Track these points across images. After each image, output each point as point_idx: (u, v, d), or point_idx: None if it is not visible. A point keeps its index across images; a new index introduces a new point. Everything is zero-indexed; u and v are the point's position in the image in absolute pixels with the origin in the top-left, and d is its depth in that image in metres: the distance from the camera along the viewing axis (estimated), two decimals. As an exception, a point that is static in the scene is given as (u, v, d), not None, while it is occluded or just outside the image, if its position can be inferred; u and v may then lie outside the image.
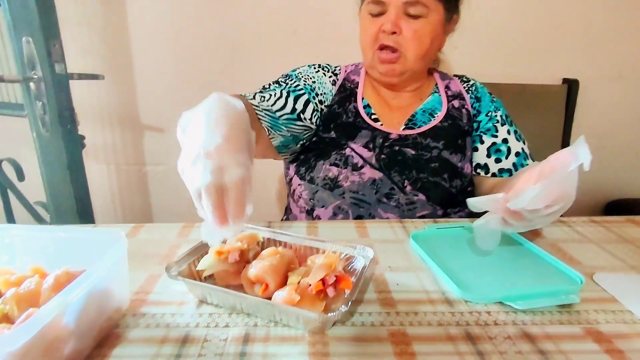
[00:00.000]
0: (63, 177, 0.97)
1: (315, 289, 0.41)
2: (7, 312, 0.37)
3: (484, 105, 0.84)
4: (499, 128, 0.82)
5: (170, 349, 0.39)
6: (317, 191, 0.78)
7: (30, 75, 0.89)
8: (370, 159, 0.77)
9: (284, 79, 0.83)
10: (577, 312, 0.45)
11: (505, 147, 0.80)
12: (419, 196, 0.76)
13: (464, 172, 0.79)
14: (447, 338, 0.40)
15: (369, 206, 0.76)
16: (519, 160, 0.79)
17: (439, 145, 0.79)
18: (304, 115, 0.79)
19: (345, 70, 0.89)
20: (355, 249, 0.50)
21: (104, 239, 0.43)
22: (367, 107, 0.83)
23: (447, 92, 0.86)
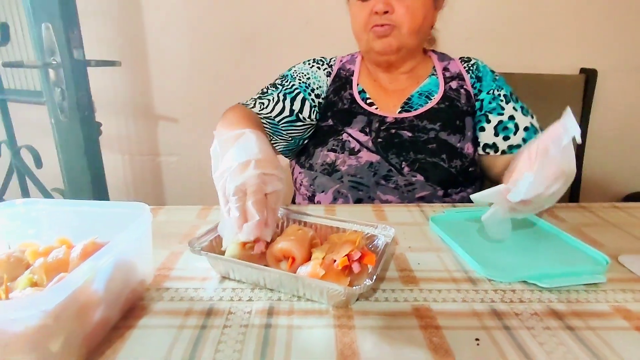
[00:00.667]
0: (80, 163, 0.98)
1: (340, 264, 0.41)
2: (36, 281, 0.38)
3: (485, 84, 0.84)
4: (504, 106, 0.81)
5: (195, 320, 0.39)
6: (316, 177, 0.80)
7: (49, 61, 0.90)
8: (367, 143, 0.78)
9: (280, 80, 0.87)
10: (603, 291, 0.44)
11: (513, 124, 0.79)
12: (417, 177, 0.76)
13: (464, 152, 0.78)
14: (473, 314, 0.40)
15: (368, 189, 0.77)
16: (528, 134, 0.79)
17: (436, 127, 0.79)
18: (302, 114, 0.82)
19: (340, 60, 0.91)
20: (377, 228, 0.50)
21: (129, 212, 0.44)
22: (362, 92, 0.85)
23: (445, 73, 0.86)
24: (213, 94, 1.37)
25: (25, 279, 0.37)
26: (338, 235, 0.48)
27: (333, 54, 0.95)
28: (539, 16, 1.27)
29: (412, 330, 0.37)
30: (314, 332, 0.37)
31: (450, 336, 0.37)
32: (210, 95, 1.37)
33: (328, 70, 0.89)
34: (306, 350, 0.35)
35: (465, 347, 0.35)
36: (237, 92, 1.38)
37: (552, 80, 1.25)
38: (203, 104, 1.38)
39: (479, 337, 0.36)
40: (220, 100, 1.40)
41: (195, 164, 1.44)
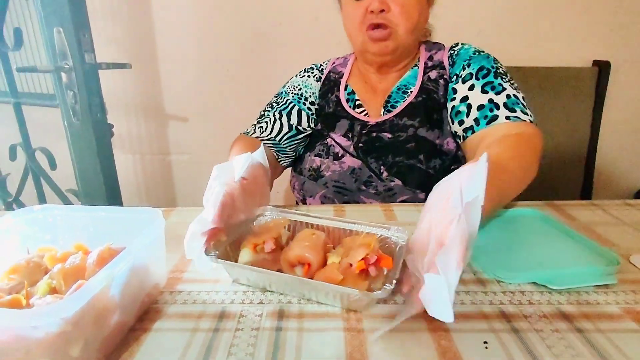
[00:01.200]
0: (93, 164, 1.00)
1: (358, 268, 0.41)
2: (55, 287, 0.39)
3: (455, 68, 0.77)
4: (458, 88, 0.74)
5: (208, 323, 0.40)
6: (304, 182, 0.81)
7: (61, 65, 0.91)
8: (349, 148, 0.78)
9: (275, 98, 0.87)
10: (614, 292, 0.44)
11: (465, 105, 0.71)
12: (395, 181, 0.74)
13: (444, 149, 0.74)
14: (481, 316, 0.40)
15: (352, 193, 0.77)
16: (482, 113, 0.68)
17: (415, 123, 0.75)
18: (301, 126, 0.83)
19: (333, 63, 0.91)
20: (390, 230, 0.50)
21: (142, 218, 0.45)
22: (351, 94, 0.84)
23: (428, 62, 0.81)
24: (222, 93, 1.38)
25: (45, 285, 0.38)
26: (352, 239, 0.48)
27: (341, 49, 0.95)
28: (550, 8, 1.24)
29: (420, 333, 0.38)
30: (323, 335, 0.38)
31: (459, 339, 0.37)
32: (219, 94, 1.38)
33: (318, 75, 0.89)
34: (316, 353, 0.36)
35: (473, 350, 0.36)
36: (246, 89, 1.39)
37: (564, 74, 1.23)
38: (213, 102, 1.39)
39: (487, 340, 0.37)
40: (229, 99, 1.41)
41: (206, 163, 1.45)
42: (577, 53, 1.27)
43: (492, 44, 1.26)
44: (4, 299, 0.36)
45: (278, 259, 0.46)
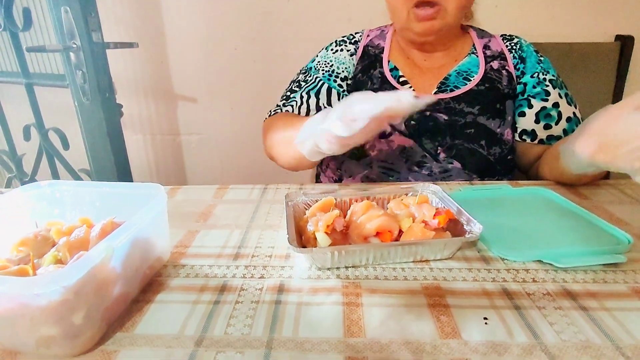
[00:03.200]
0: (104, 144, 1.02)
1: (442, 221, 0.46)
2: (60, 258, 0.40)
3: (529, 66, 0.77)
4: (550, 91, 0.75)
5: (209, 296, 0.41)
6: (343, 161, 0.78)
7: (69, 45, 0.92)
8: (399, 126, 0.74)
9: (303, 76, 0.83)
10: (622, 271, 0.43)
11: (556, 112, 0.73)
12: (454, 164, 0.72)
13: (504, 138, 0.74)
14: (483, 293, 0.40)
15: (399, 175, 0.74)
16: (570, 126, 0.73)
17: (474, 111, 0.73)
18: (331, 105, 0.79)
19: (367, 36, 0.85)
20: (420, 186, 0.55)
21: (146, 193, 0.45)
22: (394, 70, 0.80)
23: (486, 52, 0.79)
24: (231, 72, 1.37)
25: (51, 256, 0.39)
26: (396, 202, 0.51)
27: (352, 26, 0.92)
28: (571, -21, 1.18)
29: (420, 309, 0.38)
30: (322, 309, 0.38)
31: (459, 315, 0.37)
32: (228, 73, 1.37)
33: (353, 49, 0.84)
34: (314, 326, 0.36)
35: (472, 325, 0.35)
36: (255, 68, 1.37)
37: (584, 49, 1.17)
38: (221, 82, 1.39)
39: (487, 317, 0.36)
40: (238, 78, 1.40)
41: (216, 143, 1.46)
42: (598, 28, 1.21)
43: (509, 18, 1.21)
44: (11, 269, 0.37)
45: (345, 235, 0.46)
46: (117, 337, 0.35)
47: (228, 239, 0.51)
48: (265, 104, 1.43)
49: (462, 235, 0.45)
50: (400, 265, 0.45)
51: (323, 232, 0.44)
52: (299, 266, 0.45)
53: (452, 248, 0.45)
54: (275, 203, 0.62)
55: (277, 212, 0.58)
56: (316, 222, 0.45)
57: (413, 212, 0.48)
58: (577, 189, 0.64)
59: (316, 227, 0.45)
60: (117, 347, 0.34)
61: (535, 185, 0.64)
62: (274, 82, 1.40)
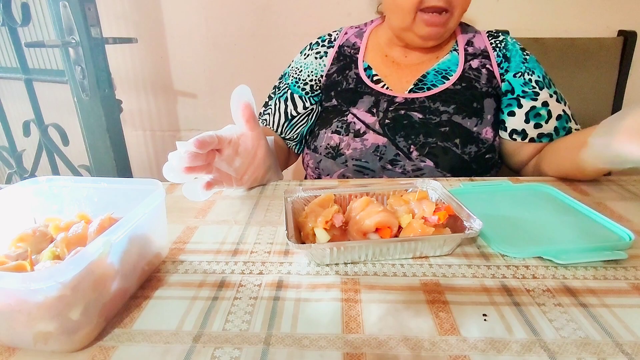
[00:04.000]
0: (103, 140, 1.01)
1: (443, 218, 0.45)
2: (58, 254, 0.40)
3: (513, 65, 0.76)
4: (538, 91, 0.74)
5: (207, 292, 0.40)
6: (320, 160, 0.78)
7: (68, 40, 0.91)
8: (374, 125, 0.74)
9: (279, 81, 0.87)
10: (623, 268, 0.42)
11: (546, 111, 0.73)
12: (426, 162, 0.71)
13: (481, 137, 0.73)
14: (482, 289, 0.39)
15: (373, 173, 0.74)
16: (561, 123, 0.73)
17: (449, 110, 0.73)
18: (297, 110, 0.82)
19: (345, 34, 0.85)
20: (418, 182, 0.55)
21: (143, 188, 0.45)
22: (368, 69, 0.80)
23: (468, 48, 0.78)
24: (231, 67, 1.36)
25: (49, 252, 0.39)
26: (395, 198, 0.50)
27: (352, 20, 0.91)
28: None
29: (418, 305, 0.38)
30: (320, 305, 0.38)
31: (458, 311, 0.36)
32: (228, 69, 1.37)
33: (324, 51, 0.84)
34: (312, 322, 0.36)
35: (471, 322, 0.35)
36: (254, 63, 1.37)
37: (587, 45, 1.16)
38: (221, 78, 1.38)
39: (486, 313, 0.36)
40: (238, 73, 1.40)
41: (215, 140, 1.46)
42: (601, 23, 1.20)
43: (511, 13, 1.20)
44: (9, 265, 0.37)
45: (344, 231, 0.46)
46: (115, 333, 0.35)
47: (227, 235, 0.51)
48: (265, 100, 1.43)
49: (461, 231, 0.45)
50: (399, 261, 0.45)
51: (322, 228, 0.44)
52: (297, 262, 0.45)
53: (451, 244, 0.45)
54: (274, 199, 0.61)
55: (276, 208, 0.58)
56: (315, 218, 0.45)
57: (413, 208, 0.48)
58: (578, 186, 0.63)
59: (315, 223, 0.45)
60: (115, 343, 0.34)
61: (536, 181, 0.64)
62: (274, 78, 1.39)
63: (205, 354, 0.33)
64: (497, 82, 0.77)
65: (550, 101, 0.74)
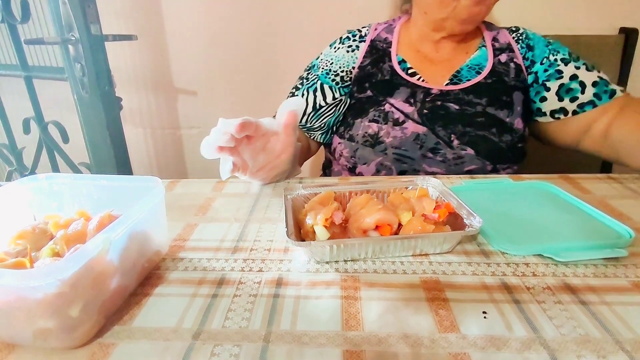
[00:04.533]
0: (103, 138, 1.01)
1: (442, 215, 0.45)
2: (58, 251, 0.40)
3: (538, 53, 0.79)
4: (562, 69, 0.75)
5: (207, 289, 0.40)
6: (357, 149, 0.78)
7: (68, 37, 0.91)
8: (412, 114, 0.75)
9: (306, 73, 0.86)
10: (623, 265, 0.42)
11: (577, 83, 0.74)
12: (467, 150, 0.73)
13: (514, 127, 0.75)
14: (482, 287, 0.39)
15: (413, 161, 0.75)
16: (600, 88, 0.73)
17: (482, 102, 0.75)
18: (326, 100, 0.81)
19: (375, 29, 0.86)
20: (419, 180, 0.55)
21: (143, 185, 0.45)
22: (402, 62, 0.81)
23: (495, 44, 0.81)
24: (231, 65, 1.36)
25: (48, 249, 0.39)
26: (396, 195, 0.51)
27: (352, 19, 0.92)
28: (575, -29, 1.16)
29: (418, 302, 0.37)
30: (320, 302, 0.38)
31: (457, 309, 0.36)
32: (228, 66, 1.36)
33: (356, 45, 0.85)
34: (312, 319, 0.36)
35: (471, 319, 0.35)
36: (255, 61, 1.36)
37: (588, 42, 1.16)
38: (222, 75, 1.38)
39: (486, 311, 0.36)
40: (239, 71, 1.39)
41: (215, 137, 1.46)
42: (602, 20, 1.20)
43: (513, 11, 1.20)
44: (9, 262, 0.37)
45: (344, 229, 0.46)
46: (114, 330, 0.35)
47: (227, 233, 0.51)
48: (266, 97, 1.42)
49: (462, 229, 0.45)
50: (399, 259, 0.44)
51: (322, 225, 0.44)
52: (297, 260, 0.45)
53: (451, 242, 0.45)
54: (274, 196, 0.61)
55: (276, 206, 0.58)
56: (315, 216, 0.45)
57: (413, 205, 0.48)
58: (578, 183, 0.63)
59: (315, 220, 0.44)
60: (114, 340, 0.34)
61: (537, 179, 0.63)
62: (275, 75, 1.39)
63: (204, 351, 0.33)
64: (524, 76, 0.79)
65: (579, 72, 0.75)
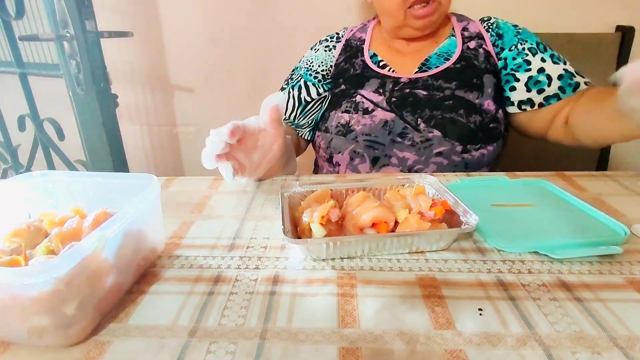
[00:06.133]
0: (99, 135, 1.01)
1: (439, 213, 0.45)
2: (53, 249, 0.40)
3: (507, 40, 0.80)
4: (530, 59, 0.77)
5: (203, 287, 0.40)
6: (332, 139, 0.81)
7: (63, 34, 0.90)
8: (381, 103, 0.78)
9: (290, 75, 0.90)
10: (618, 262, 0.42)
11: (544, 76, 0.76)
12: (434, 132, 0.74)
13: (484, 108, 0.76)
14: (478, 284, 0.40)
15: (384, 147, 0.76)
16: (564, 81, 0.75)
17: (452, 86, 0.77)
18: (310, 95, 0.85)
19: (351, 31, 0.92)
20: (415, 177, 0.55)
21: (138, 183, 0.45)
22: (374, 56, 0.85)
23: (464, 33, 0.83)
24: (228, 61, 1.35)
25: (43, 247, 0.39)
26: (392, 193, 0.50)
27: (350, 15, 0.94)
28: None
29: (414, 299, 0.38)
30: (316, 300, 0.38)
31: (453, 306, 0.37)
32: (225, 63, 1.36)
33: (333, 44, 0.90)
34: (308, 317, 0.36)
35: (467, 316, 0.35)
36: (252, 58, 1.36)
37: (585, 40, 1.16)
38: (218, 72, 1.37)
39: (482, 307, 0.36)
40: (235, 68, 1.39)
41: (212, 135, 1.45)
42: (599, 18, 1.20)
43: (509, 10, 1.20)
44: (3, 260, 0.37)
45: (340, 226, 0.46)
46: (110, 327, 0.35)
47: (223, 230, 0.51)
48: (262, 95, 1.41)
49: (458, 226, 0.45)
50: (395, 256, 0.45)
51: (318, 223, 0.44)
52: (294, 257, 0.45)
53: (447, 239, 0.45)
54: (270, 194, 0.61)
55: (272, 203, 0.58)
56: (311, 213, 0.45)
57: (409, 203, 0.48)
58: (574, 181, 0.63)
59: (311, 218, 0.44)
60: (110, 337, 0.34)
61: (532, 176, 0.64)
62: (271, 73, 1.39)
63: (200, 349, 0.33)
64: (494, 60, 0.81)
65: (545, 65, 0.76)
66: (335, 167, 0.83)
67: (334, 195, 0.52)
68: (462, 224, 0.45)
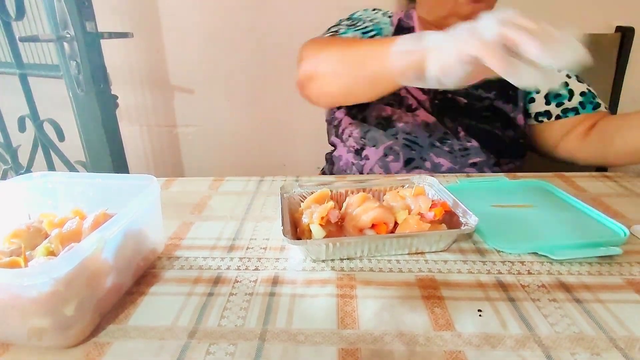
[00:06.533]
0: (99, 136, 1.01)
1: (438, 214, 0.45)
2: (52, 250, 0.40)
3: None
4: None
5: (203, 288, 0.40)
6: (368, 130, 0.78)
7: (63, 34, 0.90)
8: (425, 102, 0.77)
9: (350, 22, 0.80)
10: (618, 264, 0.42)
11: (566, 90, 0.75)
12: (472, 142, 0.74)
13: (517, 122, 0.76)
14: (477, 285, 0.40)
15: (421, 149, 0.75)
16: (587, 99, 0.75)
17: (491, 96, 0.76)
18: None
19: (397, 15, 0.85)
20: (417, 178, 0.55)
21: (138, 184, 0.45)
22: None
23: None
24: (228, 62, 1.35)
25: (43, 248, 0.39)
26: (392, 194, 0.50)
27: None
28: (572, -31, 1.17)
29: (414, 300, 0.38)
30: (316, 301, 0.38)
31: (453, 307, 0.37)
32: (225, 64, 1.36)
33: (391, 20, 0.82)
34: (308, 318, 0.36)
35: (466, 317, 0.35)
36: (252, 58, 1.36)
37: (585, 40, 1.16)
38: (218, 72, 1.37)
39: (481, 308, 0.36)
40: (236, 68, 1.39)
41: (213, 135, 1.45)
42: (599, 19, 1.20)
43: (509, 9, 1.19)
44: (3, 261, 0.37)
45: (340, 227, 0.46)
46: (110, 328, 0.35)
47: (223, 231, 0.51)
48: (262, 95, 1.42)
49: (457, 227, 0.45)
50: (395, 257, 0.45)
51: (317, 224, 0.44)
52: (293, 258, 0.45)
53: (447, 240, 0.45)
54: (270, 195, 0.61)
55: (272, 204, 0.58)
56: (311, 214, 0.45)
57: (409, 204, 0.48)
58: (573, 182, 0.63)
59: (311, 219, 0.44)
60: (110, 338, 0.34)
61: (532, 177, 0.64)
62: (271, 73, 1.39)
63: (200, 350, 0.33)
64: None
65: (570, 81, 0.76)
66: (362, 160, 0.78)
67: (333, 196, 0.52)
68: (462, 225, 0.45)
